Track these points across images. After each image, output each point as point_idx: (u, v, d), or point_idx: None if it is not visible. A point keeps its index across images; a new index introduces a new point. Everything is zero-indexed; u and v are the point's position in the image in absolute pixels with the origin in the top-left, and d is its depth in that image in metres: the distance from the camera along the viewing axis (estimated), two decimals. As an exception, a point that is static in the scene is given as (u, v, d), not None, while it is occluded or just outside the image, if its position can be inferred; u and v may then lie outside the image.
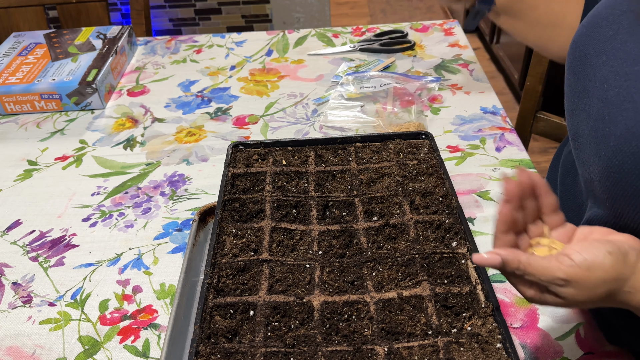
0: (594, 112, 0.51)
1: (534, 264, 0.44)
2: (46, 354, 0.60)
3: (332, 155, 0.74)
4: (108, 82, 1.02)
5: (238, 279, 0.58)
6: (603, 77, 0.51)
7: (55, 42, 1.12)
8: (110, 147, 0.91)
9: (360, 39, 1.17)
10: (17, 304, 0.65)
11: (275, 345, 0.52)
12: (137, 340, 0.61)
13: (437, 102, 0.96)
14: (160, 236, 0.73)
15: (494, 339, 0.51)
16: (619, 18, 0.53)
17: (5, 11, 1.37)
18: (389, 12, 3.20)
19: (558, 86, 1.60)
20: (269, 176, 0.70)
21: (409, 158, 0.72)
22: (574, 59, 0.57)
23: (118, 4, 2.18)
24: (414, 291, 0.56)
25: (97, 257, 0.71)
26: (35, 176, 0.85)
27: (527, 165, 0.81)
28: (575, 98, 0.55)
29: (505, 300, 0.62)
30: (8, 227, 0.76)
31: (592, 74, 0.53)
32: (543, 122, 1.12)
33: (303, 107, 0.97)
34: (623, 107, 0.48)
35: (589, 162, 0.52)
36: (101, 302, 0.65)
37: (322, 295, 0.56)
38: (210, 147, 0.89)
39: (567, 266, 0.43)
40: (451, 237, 0.61)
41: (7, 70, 1.03)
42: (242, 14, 2.25)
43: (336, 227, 0.64)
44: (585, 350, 0.57)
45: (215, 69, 1.10)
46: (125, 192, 0.81)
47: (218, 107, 0.99)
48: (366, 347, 0.51)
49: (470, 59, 1.08)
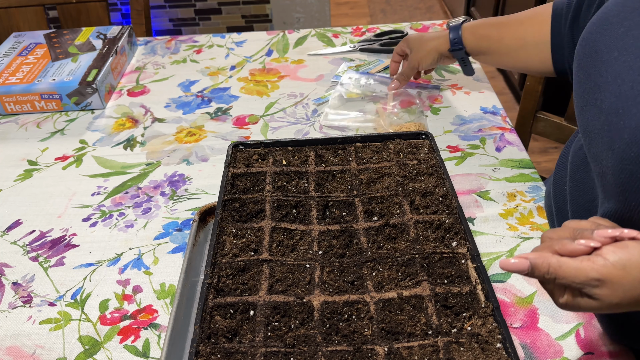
0: (607, 107, 0.51)
1: (564, 266, 0.43)
2: (46, 354, 0.60)
3: (332, 155, 0.74)
4: (108, 82, 1.02)
5: (238, 279, 0.58)
6: (616, 72, 0.51)
7: (55, 42, 1.12)
8: (110, 147, 0.91)
9: (360, 39, 1.17)
10: (17, 304, 0.65)
11: (275, 345, 0.52)
12: (137, 340, 0.61)
13: (437, 102, 0.96)
14: (161, 236, 0.73)
15: (494, 338, 0.51)
16: (631, 15, 0.54)
17: (5, 11, 1.37)
18: (389, 12, 3.20)
19: (558, 86, 1.60)
20: (269, 176, 0.70)
21: (409, 158, 0.73)
22: (583, 56, 0.57)
23: (118, 4, 2.18)
24: (414, 291, 0.56)
25: (97, 257, 0.71)
26: (36, 176, 0.85)
27: (527, 165, 0.81)
28: (586, 94, 0.56)
29: (505, 300, 0.62)
30: (8, 227, 0.76)
31: (604, 70, 0.53)
32: (543, 122, 1.12)
33: (303, 107, 0.97)
34: (638, 101, 0.48)
35: (601, 157, 0.52)
36: (101, 302, 0.65)
37: (322, 295, 0.56)
38: (210, 147, 0.89)
39: (600, 265, 0.42)
40: (451, 237, 0.61)
41: (7, 70, 1.03)
42: (242, 14, 2.25)
43: (336, 227, 0.64)
44: (585, 351, 0.57)
45: (215, 69, 1.10)
46: (126, 192, 0.81)
47: (218, 107, 0.99)
48: (366, 347, 0.51)
49: (470, 59, 1.08)
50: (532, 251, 0.46)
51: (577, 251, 0.44)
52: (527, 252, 0.45)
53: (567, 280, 0.43)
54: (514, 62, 0.83)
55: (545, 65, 0.78)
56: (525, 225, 0.71)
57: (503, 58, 0.84)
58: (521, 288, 0.63)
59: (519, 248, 0.68)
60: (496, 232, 0.70)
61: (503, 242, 0.69)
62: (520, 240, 0.69)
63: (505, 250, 0.68)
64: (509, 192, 0.76)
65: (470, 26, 0.86)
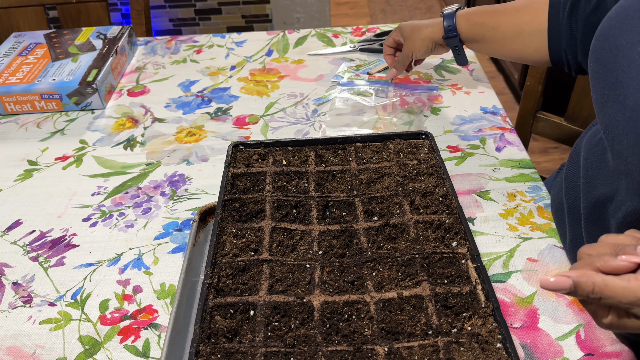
0: (632, 103, 0.50)
1: (611, 285, 0.40)
2: (46, 354, 0.60)
3: (332, 155, 0.74)
4: (108, 82, 1.02)
5: (238, 279, 0.58)
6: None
7: (55, 42, 1.12)
8: (110, 147, 0.91)
9: (360, 39, 1.17)
10: (17, 304, 0.65)
11: (275, 345, 0.52)
12: (137, 340, 0.61)
13: (437, 102, 0.96)
14: (161, 236, 0.73)
15: (494, 338, 0.51)
16: None
17: (5, 11, 1.37)
18: (389, 12, 3.20)
19: (558, 86, 1.60)
20: (269, 176, 0.70)
21: (409, 158, 0.73)
22: (602, 51, 0.56)
23: (118, 4, 2.18)
24: (414, 291, 0.56)
25: (98, 257, 0.71)
26: (36, 176, 0.85)
27: (527, 165, 0.81)
28: (606, 90, 0.54)
29: (506, 300, 0.62)
30: (8, 227, 0.76)
31: (627, 65, 0.52)
32: (543, 122, 1.13)
33: (303, 107, 0.97)
34: None
35: (626, 154, 0.51)
36: (101, 302, 0.65)
37: (322, 295, 0.56)
38: (210, 147, 0.89)
39: None
40: (451, 237, 0.61)
41: (7, 70, 1.03)
42: (242, 14, 2.25)
43: (336, 227, 0.64)
44: (585, 352, 0.57)
45: (215, 69, 1.10)
46: (126, 192, 0.81)
47: (218, 107, 0.99)
48: (366, 347, 0.51)
49: (470, 59, 1.08)
50: (571, 269, 0.44)
51: (620, 268, 0.42)
52: (568, 270, 0.42)
53: (614, 301, 0.41)
54: (508, 50, 0.82)
55: (540, 54, 0.77)
56: (525, 225, 0.71)
57: (497, 46, 0.83)
58: (521, 288, 0.63)
59: (519, 248, 0.68)
60: (496, 232, 0.70)
61: (503, 243, 0.69)
62: (520, 240, 0.69)
63: (506, 251, 0.68)
64: (509, 192, 0.76)
65: (465, 13, 0.85)
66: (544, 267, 0.65)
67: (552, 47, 0.75)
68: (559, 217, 0.70)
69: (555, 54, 0.76)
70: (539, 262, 0.66)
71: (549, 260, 0.66)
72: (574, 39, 0.72)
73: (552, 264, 0.66)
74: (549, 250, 0.67)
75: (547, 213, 0.73)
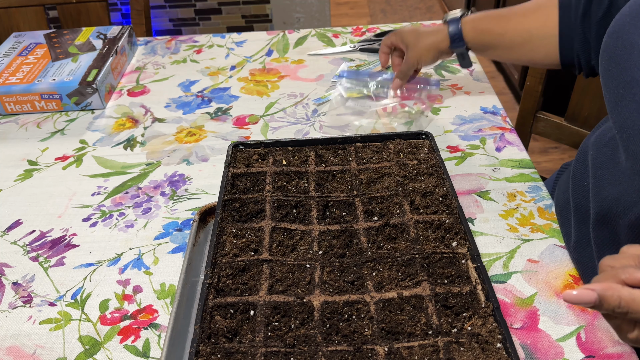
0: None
1: (638, 299, 0.39)
2: (46, 354, 0.60)
3: (332, 155, 0.74)
4: (108, 82, 1.02)
5: (238, 279, 0.58)
6: None
7: (55, 42, 1.12)
8: (110, 147, 0.91)
9: (360, 39, 1.17)
10: (17, 304, 0.65)
11: (275, 345, 0.52)
12: (137, 340, 0.61)
13: (437, 102, 0.96)
14: (161, 236, 0.73)
15: (494, 339, 0.51)
16: None
17: (5, 11, 1.37)
18: (389, 12, 3.20)
19: (558, 86, 1.60)
20: (269, 176, 0.70)
21: (409, 158, 0.73)
22: (616, 49, 0.55)
23: (118, 4, 2.18)
24: (414, 291, 0.56)
25: (98, 257, 0.71)
26: (36, 176, 0.85)
27: (527, 165, 0.81)
28: (621, 88, 0.54)
29: (506, 301, 0.62)
30: (8, 227, 0.76)
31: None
32: (543, 122, 1.13)
33: (303, 107, 0.97)
34: None
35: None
36: (101, 302, 0.65)
37: (322, 295, 0.56)
38: (210, 147, 0.89)
39: None
40: (451, 237, 0.61)
41: (7, 70, 1.03)
42: (242, 14, 2.25)
43: (336, 227, 0.64)
44: (586, 354, 0.56)
45: (215, 69, 1.10)
46: (126, 192, 0.81)
47: (218, 107, 0.99)
48: (366, 347, 0.51)
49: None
50: (593, 281, 0.42)
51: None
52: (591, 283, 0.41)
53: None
54: (517, 55, 0.81)
55: (550, 58, 0.77)
56: (525, 226, 0.71)
57: (506, 52, 0.82)
58: (522, 289, 0.63)
59: (519, 250, 0.68)
60: (496, 232, 0.70)
61: (503, 243, 0.69)
62: (520, 242, 0.69)
63: (506, 252, 0.67)
64: (509, 192, 0.76)
65: (471, 20, 0.83)
66: (545, 267, 0.65)
67: (564, 51, 0.74)
68: (564, 216, 0.70)
69: (567, 58, 0.75)
70: (540, 263, 0.66)
71: (549, 261, 0.66)
72: (587, 42, 0.71)
73: (553, 265, 0.66)
74: (550, 251, 0.67)
75: (547, 214, 0.73)
